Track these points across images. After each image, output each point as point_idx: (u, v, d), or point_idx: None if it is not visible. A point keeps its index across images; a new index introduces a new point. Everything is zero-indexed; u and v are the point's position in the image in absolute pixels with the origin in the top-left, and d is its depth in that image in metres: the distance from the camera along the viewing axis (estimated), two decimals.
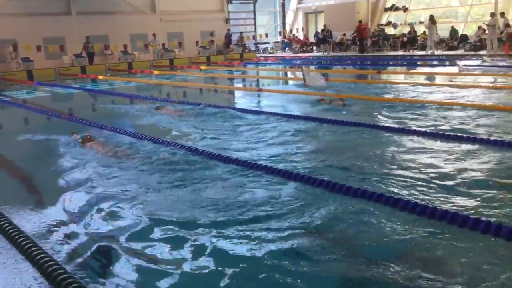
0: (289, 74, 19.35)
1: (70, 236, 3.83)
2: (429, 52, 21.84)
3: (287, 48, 30.73)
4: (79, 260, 3.40)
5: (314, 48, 29.65)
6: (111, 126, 7.96)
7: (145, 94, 13.54)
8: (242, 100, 12.03)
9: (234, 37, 29.82)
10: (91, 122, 8.59)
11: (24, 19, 22.43)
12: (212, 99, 12.14)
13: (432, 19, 21.63)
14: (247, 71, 20.51)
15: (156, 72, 21.35)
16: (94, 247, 3.61)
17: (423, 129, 6.71)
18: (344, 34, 27.13)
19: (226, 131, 7.66)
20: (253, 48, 30.72)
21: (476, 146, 5.78)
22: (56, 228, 3.99)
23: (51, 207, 4.51)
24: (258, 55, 29.25)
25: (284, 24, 33.02)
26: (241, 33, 29.92)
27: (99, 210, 4.32)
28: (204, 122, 8.41)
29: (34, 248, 3.32)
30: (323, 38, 27.51)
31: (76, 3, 24.09)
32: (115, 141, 6.96)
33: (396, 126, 7.14)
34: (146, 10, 26.70)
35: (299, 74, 10.02)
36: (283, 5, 32.72)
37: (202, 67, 22.65)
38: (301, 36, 31.29)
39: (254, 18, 31.71)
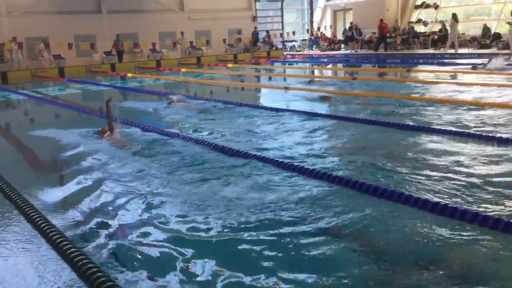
0: (316, 73, 19.21)
1: (98, 228, 3.89)
2: (449, 51, 21.50)
3: (314, 46, 30.52)
4: (108, 253, 3.45)
5: (342, 46, 29.35)
6: (137, 122, 8.08)
7: (172, 91, 13.66)
8: (268, 98, 12.01)
9: (261, 35, 29.80)
10: (119, 118, 8.72)
11: (56, 17, 22.95)
12: (238, 97, 12.15)
13: (454, 17, 21.26)
14: (273, 69, 20.47)
15: (183, 69, 21.54)
16: (123, 242, 3.65)
17: (454, 129, 6.56)
18: (374, 32, 26.75)
19: (250, 128, 7.66)
20: (280, 46, 30.64)
21: (508, 147, 5.61)
22: (85, 220, 4.07)
23: (79, 200, 4.59)
24: (285, 53, 29.15)
25: (311, 21, 32.82)
26: (268, 31, 29.88)
27: (130, 206, 4.37)
28: (228, 119, 8.43)
29: (66, 242, 3.38)
30: (351, 36, 27.21)
31: (107, 2, 24.50)
32: (140, 136, 7.06)
33: (426, 125, 6.98)
34: (175, 8, 26.95)
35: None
36: (311, 3, 32.50)
37: (229, 65, 22.72)
38: (329, 33, 31.02)
39: (282, 16, 31.61)
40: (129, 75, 19.92)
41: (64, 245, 3.34)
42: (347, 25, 29.23)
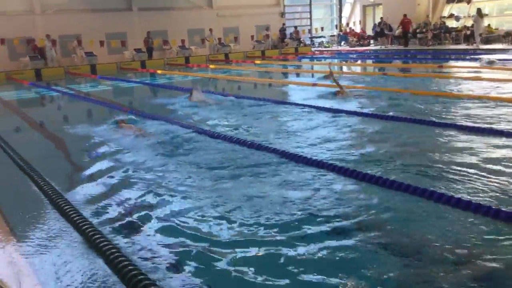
0: (345, 69, 19.03)
1: (128, 221, 3.98)
2: (473, 46, 21.07)
3: (343, 42, 30.22)
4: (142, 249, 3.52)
5: (372, 41, 28.97)
6: (166, 117, 8.19)
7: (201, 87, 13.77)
8: (295, 94, 11.96)
9: (289, 31, 29.68)
10: (148, 114, 8.86)
11: (88, 15, 23.42)
12: (266, 93, 12.16)
13: (479, 13, 20.98)
14: (301, 65, 20.37)
15: (212, 66, 21.67)
16: (159, 240, 3.72)
17: (488, 126, 6.40)
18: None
19: (278, 125, 7.67)
20: (308, 42, 30.46)
21: None
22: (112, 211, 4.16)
23: (108, 191, 4.70)
24: (313, 49, 28.97)
25: (340, 17, 32.51)
26: (296, 27, 29.74)
27: (152, 201, 4.45)
28: (254, 115, 8.45)
29: (104, 241, 3.47)
30: (381, 31, 26.82)
31: (138, 0, 24.85)
32: (169, 132, 7.17)
33: (458, 122, 6.85)
34: (203, 5, 27.11)
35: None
36: None
37: (257, 61, 22.73)
38: (358, 29, 30.67)
39: (310, 12, 31.41)
40: (159, 71, 20.18)
41: (99, 240, 3.43)
42: (377, 20, 28.83)
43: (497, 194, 4.06)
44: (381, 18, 27.32)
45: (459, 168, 4.77)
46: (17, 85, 18.60)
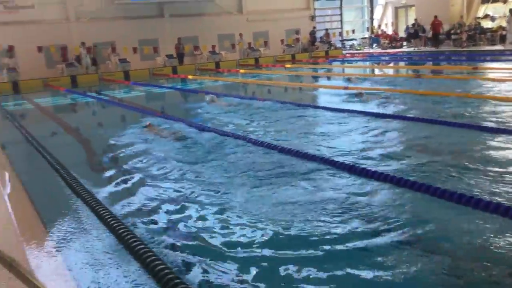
0: (377, 71, 18.77)
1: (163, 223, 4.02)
2: (503, 47, 20.54)
3: (375, 44, 29.85)
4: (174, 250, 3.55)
5: (404, 43, 28.50)
6: (196, 123, 8.27)
7: (231, 92, 13.86)
8: (326, 98, 11.87)
9: (319, 34, 29.52)
10: (179, 118, 8.96)
11: (121, 22, 23.94)
12: (296, 97, 12.11)
13: None
14: (332, 69, 20.22)
15: (242, 71, 21.76)
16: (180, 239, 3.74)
17: None
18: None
19: (309, 129, 7.61)
20: (339, 45, 30.23)
21: None
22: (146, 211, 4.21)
23: (139, 193, 4.76)
24: (344, 52, 28.72)
25: (372, 19, 32.14)
26: (326, 29, 29.56)
27: (183, 204, 4.49)
28: (286, 120, 8.42)
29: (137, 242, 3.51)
30: (415, 33, 26.32)
31: (169, 7, 25.25)
32: (198, 136, 7.22)
33: (494, 126, 6.64)
34: (233, 11, 27.31)
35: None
36: (371, 0, 31.83)
37: (287, 65, 22.70)
38: (390, 31, 30.24)
39: (341, 14, 31.19)
40: (190, 77, 20.41)
41: (132, 240, 3.47)
42: (409, 22, 28.35)
43: None
44: (415, 19, 26.83)
45: (497, 173, 4.62)
46: (54, 92, 19.16)
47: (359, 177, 4.77)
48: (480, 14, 26.49)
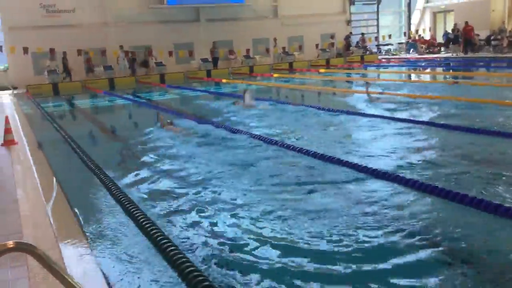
0: (414, 77, 18.41)
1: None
2: None
3: (411, 49, 29.31)
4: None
5: (442, 49, 27.85)
6: (228, 126, 8.32)
7: (263, 96, 13.87)
8: (359, 103, 11.72)
9: (355, 39, 29.22)
10: (212, 121, 9.02)
11: (158, 27, 24.39)
12: (329, 102, 12.01)
13: None
14: (367, 74, 19.96)
15: (275, 75, 21.77)
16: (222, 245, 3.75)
17: None
18: (477, 35, 25.05)
19: (341, 135, 7.53)
20: (374, 50, 29.83)
21: None
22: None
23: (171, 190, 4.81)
24: (380, 57, 28.32)
25: (409, 24, 31.58)
26: (363, 34, 29.22)
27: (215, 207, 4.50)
28: (318, 125, 8.36)
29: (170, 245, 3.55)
30: (454, 38, 25.69)
31: (205, 11, 25.56)
32: (232, 139, 7.25)
33: None
34: (268, 15, 27.38)
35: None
36: (409, 5, 31.31)
37: (321, 70, 22.56)
38: (427, 36, 29.64)
39: (377, 19, 30.79)
40: (224, 80, 20.56)
41: (166, 245, 3.51)
42: (448, 27, 27.70)
43: None
44: (455, 24, 26.16)
45: None
46: (92, 94, 19.68)
47: (398, 185, 4.67)
48: None
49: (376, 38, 29.72)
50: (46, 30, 21.88)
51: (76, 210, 4.53)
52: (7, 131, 8.13)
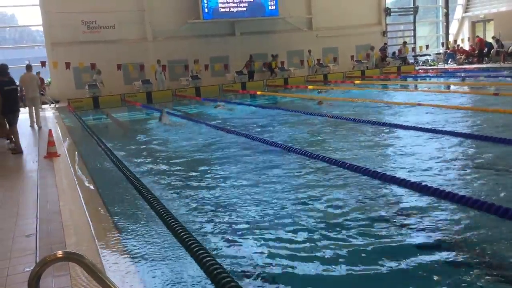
0: (453, 87, 17.99)
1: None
2: None
3: (450, 60, 28.68)
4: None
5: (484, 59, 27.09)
6: (262, 138, 8.37)
7: (299, 108, 13.87)
8: (397, 115, 11.55)
9: (391, 50, 28.85)
10: (248, 134, 9.09)
11: (195, 41, 24.88)
12: (365, 114, 11.88)
13: None
14: (404, 85, 19.64)
15: (310, 87, 21.73)
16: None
17: None
18: None
19: (378, 146, 7.43)
20: (411, 60, 29.36)
21: None
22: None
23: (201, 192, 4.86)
24: (417, 67, 27.84)
25: (447, 34, 30.97)
26: (405, 43, 28.71)
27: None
28: (350, 137, 8.28)
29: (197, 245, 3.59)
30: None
31: (240, 24, 25.88)
32: (266, 151, 7.28)
33: None
34: (303, 27, 27.45)
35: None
36: (447, 15, 30.75)
37: (356, 82, 22.36)
38: (466, 46, 28.96)
39: (414, 30, 30.35)
40: (258, 93, 20.67)
41: (200, 252, 3.55)
42: (487, 37, 26.96)
43: None
44: (499, 33, 25.34)
45: None
46: (130, 107, 20.16)
47: (433, 197, 4.58)
48: None
49: (413, 49, 29.25)
50: (88, 45, 22.70)
51: (116, 221, 4.65)
52: (50, 143, 8.44)
